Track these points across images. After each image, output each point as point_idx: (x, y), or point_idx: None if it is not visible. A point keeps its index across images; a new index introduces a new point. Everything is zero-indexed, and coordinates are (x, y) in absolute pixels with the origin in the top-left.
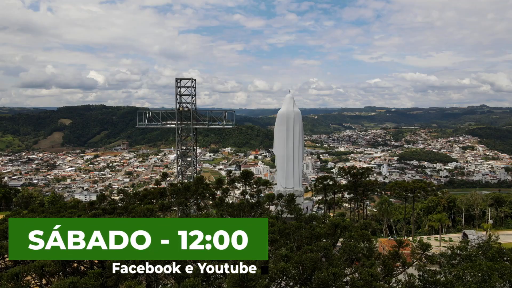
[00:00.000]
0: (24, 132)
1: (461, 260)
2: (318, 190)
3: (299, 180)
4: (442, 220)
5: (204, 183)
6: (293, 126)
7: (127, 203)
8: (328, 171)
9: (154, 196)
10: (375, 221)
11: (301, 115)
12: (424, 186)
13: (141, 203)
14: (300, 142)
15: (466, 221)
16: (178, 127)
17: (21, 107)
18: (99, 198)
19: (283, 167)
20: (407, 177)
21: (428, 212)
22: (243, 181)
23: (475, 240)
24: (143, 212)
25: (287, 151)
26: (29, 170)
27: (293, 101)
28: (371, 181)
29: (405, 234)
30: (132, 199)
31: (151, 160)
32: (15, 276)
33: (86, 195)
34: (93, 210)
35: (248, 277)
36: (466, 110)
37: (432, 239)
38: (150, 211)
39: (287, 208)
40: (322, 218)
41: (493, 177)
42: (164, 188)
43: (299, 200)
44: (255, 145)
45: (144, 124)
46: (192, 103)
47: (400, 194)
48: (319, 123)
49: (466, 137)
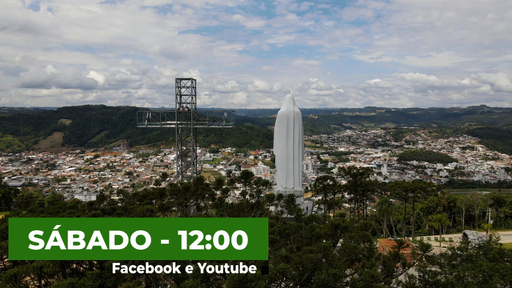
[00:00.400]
0: (24, 132)
1: (461, 261)
2: (318, 190)
3: (299, 180)
4: (442, 221)
5: (204, 183)
6: (293, 126)
7: (127, 204)
8: (328, 171)
9: (153, 197)
10: (375, 221)
11: (301, 115)
12: (424, 186)
13: (140, 204)
14: (300, 142)
15: (466, 221)
16: (178, 127)
17: (21, 107)
18: (99, 199)
19: (283, 167)
20: (407, 177)
21: (428, 213)
22: (243, 182)
23: (475, 240)
24: (142, 213)
25: (287, 151)
26: (29, 170)
27: (293, 101)
28: (371, 181)
29: (405, 234)
30: (132, 199)
31: (151, 160)
32: (13, 277)
33: (86, 195)
34: (92, 210)
35: (247, 278)
36: (466, 110)
37: (432, 240)
38: (150, 212)
39: (287, 209)
40: (322, 219)
41: (493, 177)
42: (163, 188)
43: (299, 200)
44: (255, 145)
45: (144, 124)
46: (192, 103)
47: (400, 194)
48: (319, 123)
49: (466, 137)
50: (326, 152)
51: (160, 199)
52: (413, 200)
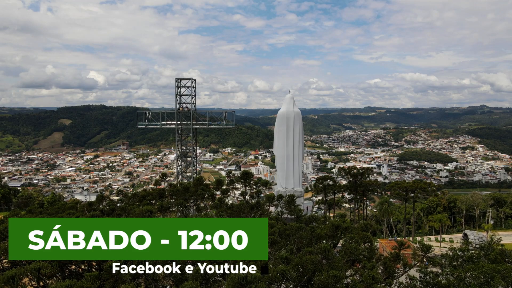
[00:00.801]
0: (24, 132)
1: (463, 262)
2: (318, 190)
3: (299, 181)
4: (443, 221)
5: (203, 183)
6: (293, 126)
7: (126, 204)
8: (328, 171)
9: (153, 197)
10: (375, 221)
11: (301, 115)
12: (425, 187)
13: (140, 204)
14: (300, 142)
15: (466, 221)
16: (178, 127)
17: (21, 107)
18: (98, 199)
19: (283, 167)
20: (407, 177)
21: (429, 213)
22: (243, 182)
23: (475, 240)
24: (141, 213)
25: (287, 151)
26: (29, 170)
27: (293, 101)
28: (371, 182)
29: (405, 234)
30: (131, 199)
31: (151, 160)
32: (11, 279)
33: (86, 195)
34: (91, 211)
35: (247, 279)
36: (466, 110)
37: (433, 240)
38: (149, 212)
39: (287, 209)
40: (322, 219)
41: (493, 177)
42: (163, 188)
43: (299, 200)
44: (255, 145)
45: (144, 124)
46: (192, 103)
47: (400, 194)
48: (319, 123)
49: (466, 137)
50: (326, 152)
51: (159, 200)
52: (413, 200)
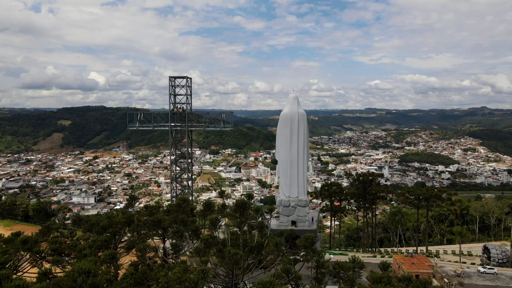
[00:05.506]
0: (23, 133)
1: None
2: (324, 197)
3: (304, 189)
4: (463, 234)
5: (189, 206)
6: (297, 129)
7: (81, 236)
8: (329, 173)
9: (117, 228)
10: (382, 228)
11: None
12: (439, 194)
13: (95, 240)
14: (305, 147)
15: (480, 229)
16: (172, 130)
17: (22, 108)
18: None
19: (286, 173)
20: (408, 179)
21: (440, 220)
22: (238, 216)
23: (498, 255)
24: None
25: (291, 156)
26: (27, 172)
27: (298, 101)
28: (381, 188)
29: (416, 244)
30: (89, 228)
31: (150, 161)
32: None
33: (84, 197)
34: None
35: None
36: (467, 111)
37: (449, 253)
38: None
39: (303, 258)
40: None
41: (495, 179)
42: (133, 214)
43: (304, 211)
44: (256, 147)
45: (135, 126)
46: (187, 103)
47: (412, 202)
48: (320, 124)
49: (468, 139)
50: (326, 154)
51: (127, 229)
52: (427, 209)
